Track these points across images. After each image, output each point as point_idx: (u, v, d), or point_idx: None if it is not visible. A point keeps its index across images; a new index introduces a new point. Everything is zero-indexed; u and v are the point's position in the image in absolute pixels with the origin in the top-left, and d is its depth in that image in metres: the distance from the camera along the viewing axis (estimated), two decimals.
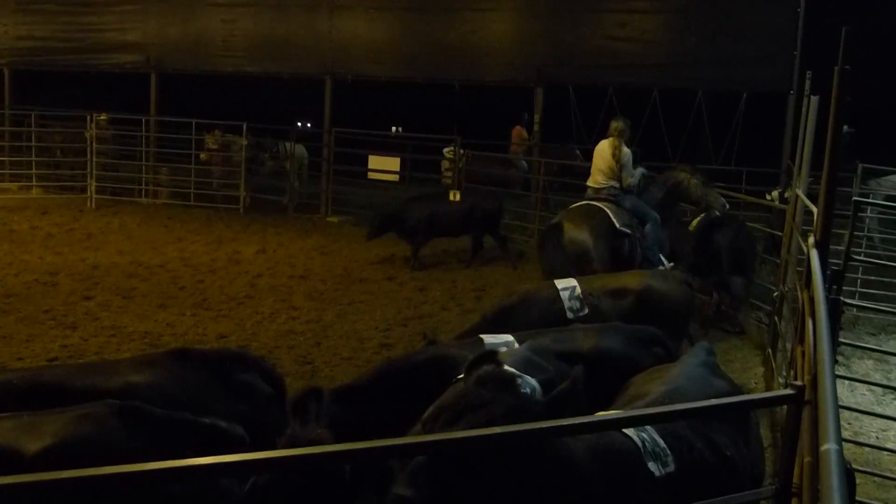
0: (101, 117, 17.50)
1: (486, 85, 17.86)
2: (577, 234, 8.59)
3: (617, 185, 9.18)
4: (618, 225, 8.75)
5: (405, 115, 29.22)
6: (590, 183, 9.35)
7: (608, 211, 8.89)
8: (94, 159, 16.72)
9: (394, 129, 29.65)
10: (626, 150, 9.22)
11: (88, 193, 16.64)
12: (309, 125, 27.07)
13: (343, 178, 17.23)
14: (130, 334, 8.57)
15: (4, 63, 20.87)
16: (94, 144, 16.76)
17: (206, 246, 13.47)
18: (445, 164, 17.30)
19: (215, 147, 17.32)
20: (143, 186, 17.43)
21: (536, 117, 16.79)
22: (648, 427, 3.29)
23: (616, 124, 9.38)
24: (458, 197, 12.88)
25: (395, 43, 17.50)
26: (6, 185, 17.17)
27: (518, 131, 18.73)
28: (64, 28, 20.10)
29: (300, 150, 18.12)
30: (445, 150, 16.40)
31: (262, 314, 9.70)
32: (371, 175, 17.37)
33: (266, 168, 18.03)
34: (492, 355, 3.44)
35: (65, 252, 12.46)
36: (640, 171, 9.63)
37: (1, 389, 3.61)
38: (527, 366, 3.87)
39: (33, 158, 17.45)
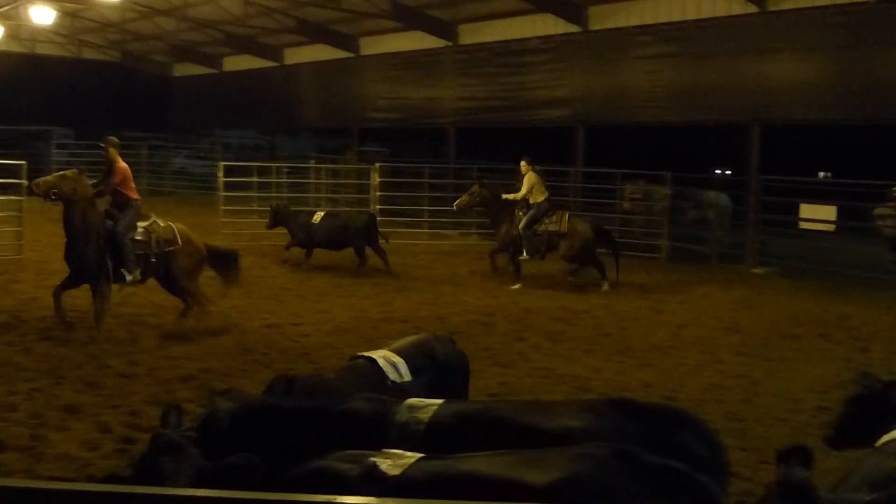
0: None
1: None
2: None
3: None
4: None
5: (835, 159, 27.21)
6: (542, 200, 14.24)
7: None
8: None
9: (821, 174, 27.72)
10: None
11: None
12: (728, 172, 26.34)
13: (770, 227, 16.45)
14: (561, 377, 8.87)
15: (450, 122, 23.25)
16: None
17: (629, 293, 13.63)
18: (878, 211, 15.77)
19: (638, 197, 17.54)
20: None
21: None
22: None
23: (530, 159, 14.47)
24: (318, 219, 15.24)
25: (830, 83, 16.36)
26: (449, 232, 18.97)
27: None
28: (500, 88, 21.87)
29: (723, 198, 17.68)
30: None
31: (686, 365, 9.52)
32: (802, 224, 16.38)
33: (688, 217, 17.84)
34: None
35: (499, 295, 13.39)
36: None
37: (463, 418, 3.94)
38: None
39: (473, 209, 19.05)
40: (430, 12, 22.46)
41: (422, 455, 3.26)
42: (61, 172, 10.11)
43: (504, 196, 14.63)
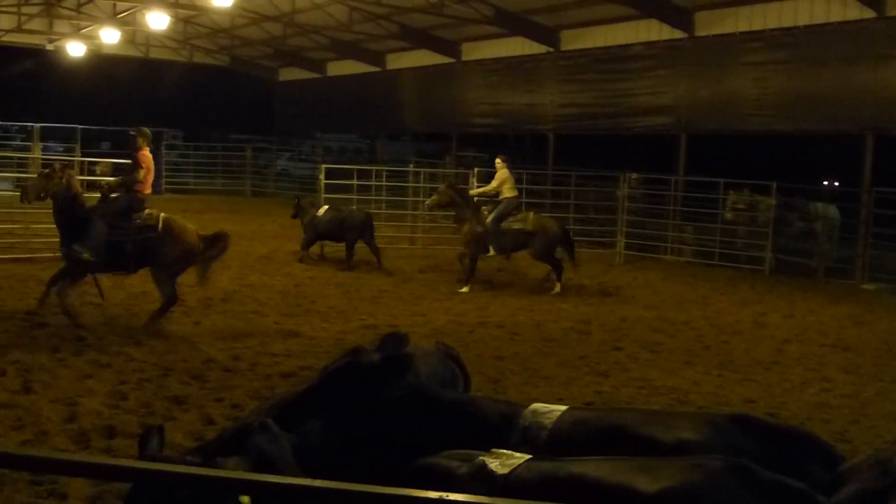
0: (633, 177, 18.40)
1: None
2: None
3: None
4: None
5: None
6: (511, 196, 14.37)
7: None
8: (624, 217, 17.60)
9: None
10: None
11: (617, 249, 17.54)
12: (836, 184, 25.41)
13: (882, 241, 15.80)
14: (658, 388, 8.72)
15: (549, 129, 23.14)
16: (625, 203, 17.66)
17: (730, 306, 13.30)
18: None
19: (742, 207, 17.09)
20: (668, 244, 17.87)
21: None
22: None
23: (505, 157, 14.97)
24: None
25: None
26: None
27: None
28: (602, 95, 21.63)
29: (832, 210, 17.07)
30: None
31: (790, 382, 9.22)
32: None
33: (794, 229, 17.29)
34: None
35: (595, 303, 13.25)
36: None
37: (583, 425, 3.86)
38: None
39: (570, 215, 18.96)
40: (532, 18, 22.41)
41: (530, 456, 3.26)
42: (43, 171, 10.18)
43: (473, 190, 14.98)
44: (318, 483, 1.78)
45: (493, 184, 14.59)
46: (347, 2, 23.00)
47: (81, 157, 24.50)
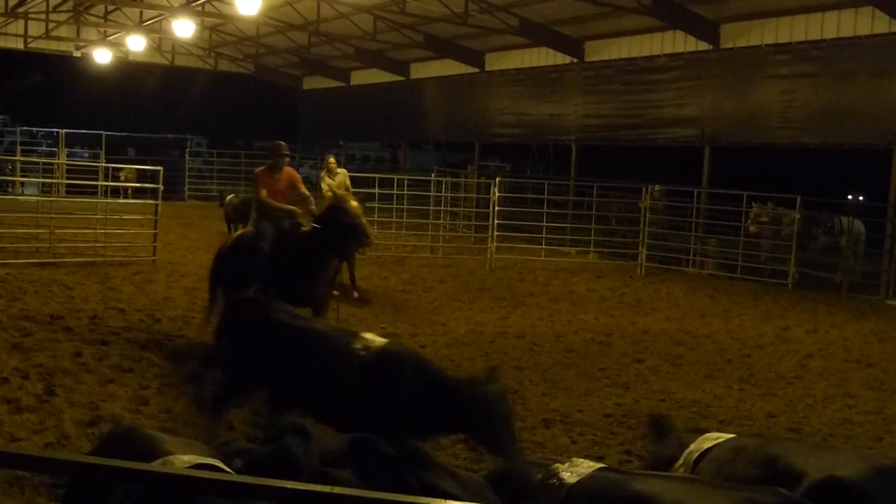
0: (656, 188, 18.32)
1: None
2: None
3: None
4: None
5: None
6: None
7: None
8: (647, 229, 17.52)
9: None
10: None
11: (639, 261, 17.46)
12: (861, 198, 25.18)
13: None
14: (679, 401, 8.67)
15: (572, 139, 23.10)
16: (648, 215, 17.58)
17: (753, 320, 13.19)
18: None
19: (765, 220, 16.97)
20: (691, 257, 17.77)
21: None
22: None
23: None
24: None
25: None
26: (567, 249, 18.82)
27: None
28: (625, 106, 21.55)
29: (857, 225, 16.91)
30: None
31: (813, 397, 9.14)
32: None
33: (818, 243, 17.13)
34: None
35: (617, 315, 13.18)
36: None
37: (737, 450, 3.66)
38: None
39: (592, 226, 18.92)
40: (557, 29, 22.40)
41: (602, 465, 3.29)
42: None
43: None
44: (337, 490, 1.78)
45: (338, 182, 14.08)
46: (372, 11, 23.08)
47: (106, 162, 24.71)
